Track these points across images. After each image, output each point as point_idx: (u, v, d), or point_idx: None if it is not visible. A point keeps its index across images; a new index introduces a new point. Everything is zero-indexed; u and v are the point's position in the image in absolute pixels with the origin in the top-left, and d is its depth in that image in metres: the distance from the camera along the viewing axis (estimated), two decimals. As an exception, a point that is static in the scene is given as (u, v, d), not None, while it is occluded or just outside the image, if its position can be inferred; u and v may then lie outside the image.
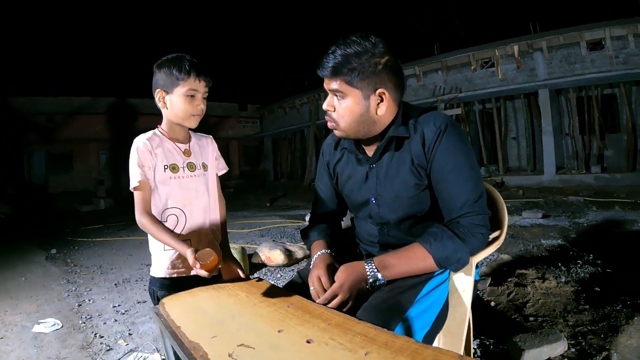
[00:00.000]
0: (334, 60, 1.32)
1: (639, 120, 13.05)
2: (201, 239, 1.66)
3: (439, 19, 25.04)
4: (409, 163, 1.38)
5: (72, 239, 7.67)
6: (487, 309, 3.04)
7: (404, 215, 1.43)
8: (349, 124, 1.38)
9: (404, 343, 0.92)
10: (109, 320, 3.29)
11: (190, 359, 0.95)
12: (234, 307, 1.23)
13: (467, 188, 1.30)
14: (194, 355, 0.94)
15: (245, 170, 26.02)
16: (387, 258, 1.31)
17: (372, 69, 1.31)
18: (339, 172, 1.60)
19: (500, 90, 14.39)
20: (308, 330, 1.02)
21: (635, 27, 11.73)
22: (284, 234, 6.95)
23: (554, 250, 4.61)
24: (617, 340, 2.40)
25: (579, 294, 3.17)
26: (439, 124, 1.34)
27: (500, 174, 14.29)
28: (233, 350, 0.94)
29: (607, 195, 9.24)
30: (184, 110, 1.60)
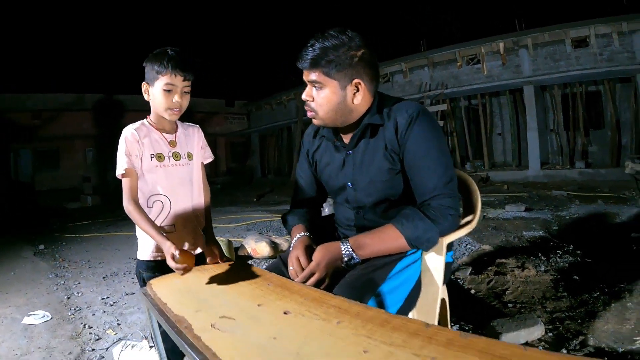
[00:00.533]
0: (313, 53, 1.40)
1: (623, 117, 13.28)
2: (185, 224, 1.73)
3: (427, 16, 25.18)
4: (383, 149, 1.46)
5: (60, 235, 7.67)
6: (467, 297, 3.13)
7: (379, 199, 1.51)
8: (327, 113, 1.46)
9: (375, 313, 0.99)
10: (97, 311, 3.34)
11: (175, 331, 1.01)
12: (217, 286, 1.30)
13: (437, 172, 1.38)
14: (178, 327, 1.01)
15: (232, 166, 25.93)
16: (361, 238, 1.39)
17: (348, 61, 1.39)
18: (317, 160, 1.68)
19: (486, 86, 14.57)
20: (286, 304, 1.09)
21: (619, 25, 11.92)
22: (270, 227, 7.02)
23: (535, 241, 4.71)
24: (594, 325, 2.47)
25: (557, 282, 3.26)
26: (411, 112, 1.43)
27: (486, 169, 14.50)
28: (215, 321, 1.01)
29: (590, 190, 9.42)
30: (161, 103, 1.65)
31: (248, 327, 0.97)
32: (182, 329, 0.99)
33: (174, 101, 1.64)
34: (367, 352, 0.82)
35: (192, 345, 0.92)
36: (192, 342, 0.93)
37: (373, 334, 0.88)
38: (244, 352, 0.86)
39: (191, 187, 1.77)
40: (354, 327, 0.93)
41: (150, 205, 1.69)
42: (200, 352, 0.88)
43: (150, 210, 1.69)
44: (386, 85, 16.94)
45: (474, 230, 5.16)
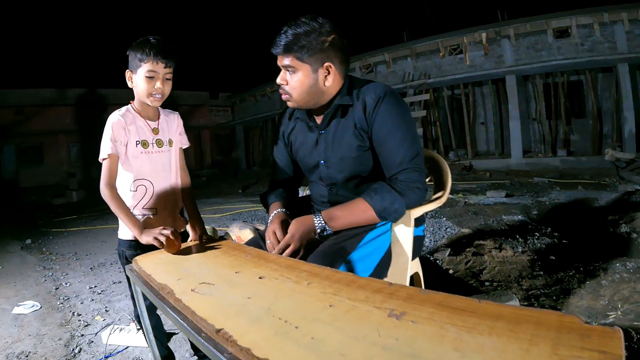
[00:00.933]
0: (286, 39, 1.48)
1: (604, 106, 13.54)
2: (166, 207, 1.83)
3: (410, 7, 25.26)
4: (353, 127, 1.55)
5: (47, 230, 7.66)
6: (445, 276, 3.24)
7: (350, 175, 1.60)
8: (300, 95, 1.54)
9: (343, 276, 1.08)
10: (86, 300, 3.39)
11: (158, 297, 1.09)
12: (198, 258, 1.39)
13: (403, 148, 1.47)
14: (161, 294, 1.09)
15: (217, 159, 25.86)
16: (333, 211, 1.49)
17: (319, 46, 1.48)
18: (292, 140, 1.77)
19: (469, 76, 14.73)
20: (262, 271, 1.18)
21: (600, 16, 12.10)
22: (255, 217, 7.11)
23: (514, 224, 4.83)
24: (568, 301, 2.57)
25: (534, 262, 3.36)
26: (379, 92, 1.52)
27: (469, 158, 14.69)
28: (196, 286, 1.09)
29: (572, 177, 9.61)
30: (144, 90, 1.71)
31: (225, 290, 1.06)
32: (165, 294, 1.07)
33: (155, 87, 1.70)
34: (332, 306, 0.90)
35: (174, 307, 1.00)
36: (174, 304, 1.01)
37: (339, 292, 0.97)
38: (220, 309, 0.94)
39: (171, 172, 1.86)
40: (322, 287, 1.01)
41: (134, 189, 1.76)
42: (180, 312, 0.97)
43: (134, 194, 1.77)
44: (370, 76, 16.99)
45: (455, 214, 5.34)
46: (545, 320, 0.76)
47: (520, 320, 0.77)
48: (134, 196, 1.77)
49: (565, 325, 0.73)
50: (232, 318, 0.89)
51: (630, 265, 3.01)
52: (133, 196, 1.77)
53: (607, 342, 0.66)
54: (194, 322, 0.91)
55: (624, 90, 12.07)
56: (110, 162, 1.69)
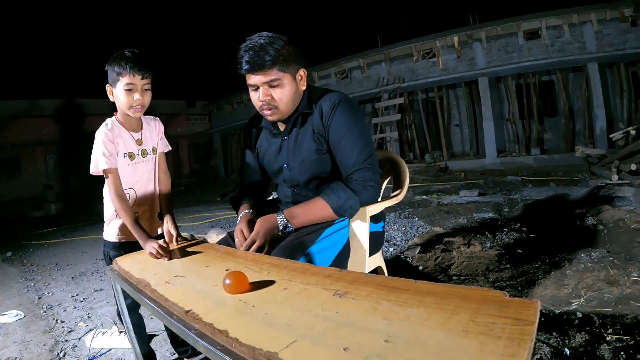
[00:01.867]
0: (269, 56, 1.58)
1: (576, 105, 13.94)
2: (145, 210, 1.96)
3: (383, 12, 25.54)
4: (311, 133, 1.72)
5: (27, 242, 7.65)
6: (415, 273, 3.38)
7: (311, 177, 1.76)
8: (286, 105, 1.68)
9: (299, 266, 1.23)
10: (68, 307, 3.47)
11: (136, 290, 1.23)
12: (173, 256, 1.52)
13: (356, 150, 1.63)
14: (138, 286, 1.22)
15: (195, 167, 25.58)
16: (294, 209, 1.64)
17: (290, 54, 1.63)
18: (258, 147, 1.93)
19: (442, 79, 14.99)
20: (229, 264, 1.32)
21: (570, 17, 12.45)
22: (233, 223, 7.18)
23: (484, 221, 4.97)
24: (533, 291, 2.70)
25: (501, 256, 3.50)
26: (334, 100, 1.69)
27: (445, 160, 14.91)
28: (169, 279, 1.23)
29: (545, 175, 9.82)
30: (124, 103, 1.81)
31: (195, 281, 1.20)
32: (142, 287, 1.21)
33: (135, 99, 1.79)
34: (286, 289, 1.05)
35: (150, 297, 1.14)
36: (150, 295, 1.14)
37: (294, 278, 1.12)
38: (190, 296, 1.09)
39: (155, 178, 2.00)
40: (280, 275, 1.16)
41: None
42: (155, 301, 1.10)
43: None
44: (345, 81, 17.24)
45: (427, 214, 5.51)
46: (470, 294, 0.89)
47: (447, 295, 0.90)
48: None
49: (487, 298, 0.86)
50: (199, 301, 1.03)
51: (595, 255, 3.15)
52: None
53: (523, 311, 0.77)
54: (166, 307, 1.05)
55: (594, 88, 12.40)
56: (112, 175, 1.80)
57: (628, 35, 11.81)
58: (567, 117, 13.85)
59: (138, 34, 29.75)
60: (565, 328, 2.13)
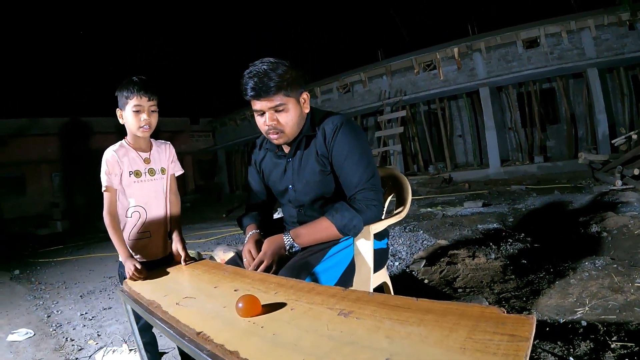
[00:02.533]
0: (273, 82, 1.63)
1: (577, 111, 13.99)
2: (158, 231, 2.02)
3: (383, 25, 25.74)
4: (315, 155, 1.77)
5: (34, 260, 7.71)
6: (420, 286, 3.39)
7: (315, 197, 1.81)
8: (291, 128, 1.73)
9: (305, 285, 1.27)
10: (77, 326, 3.51)
11: (148, 311, 1.27)
12: (182, 278, 1.57)
13: (359, 170, 1.69)
14: (150, 308, 1.26)
15: (200, 184, 25.69)
16: (300, 229, 1.69)
17: (293, 79, 1.69)
18: (264, 168, 1.99)
19: (443, 90, 15.04)
20: (237, 284, 1.36)
21: (568, 24, 12.49)
22: (239, 240, 7.23)
23: (488, 232, 4.98)
24: (537, 301, 2.70)
25: (506, 267, 3.50)
26: (336, 122, 1.74)
27: (448, 171, 14.92)
28: (180, 300, 1.27)
29: (549, 183, 9.78)
30: (133, 124, 1.93)
31: (205, 302, 1.24)
32: (153, 308, 1.25)
33: (142, 119, 1.92)
34: (293, 309, 1.09)
35: (161, 318, 1.18)
36: (161, 316, 1.19)
37: (300, 298, 1.16)
38: (200, 317, 1.13)
39: (164, 198, 2.06)
40: (287, 294, 1.20)
41: (129, 216, 1.97)
42: (167, 322, 1.15)
43: (129, 220, 1.97)
44: (347, 96, 17.34)
45: (432, 227, 5.52)
46: (468, 311, 0.93)
47: (446, 313, 0.94)
48: (129, 222, 1.97)
49: (485, 315, 0.90)
50: (210, 322, 1.08)
51: (599, 262, 3.13)
52: (128, 222, 1.97)
53: (519, 327, 0.80)
54: (178, 328, 1.09)
55: (595, 94, 12.41)
56: (108, 194, 1.91)
57: (626, 40, 11.84)
58: (569, 123, 13.88)
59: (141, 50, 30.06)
60: (570, 337, 2.14)
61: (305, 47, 26.21)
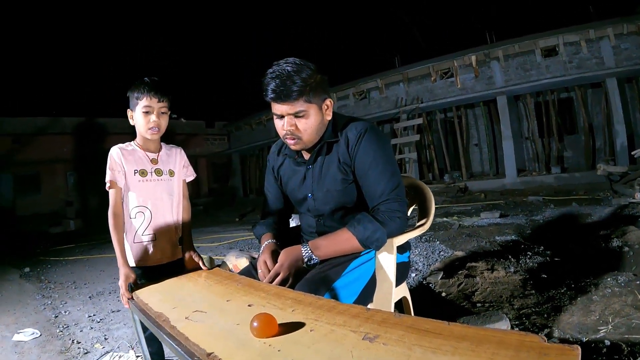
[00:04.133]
0: (296, 86, 1.53)
1: (595, 121, 13.76)
2: (165, 235, 1.94)
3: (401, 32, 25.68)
4: (337, 162, 1.67)
5: (45, 259, 7.71)
6: (438, 299, 3.28)
7: (336, 207, 1.71)
8: (310, 136, 1.64)
9: (325, 302, 1.17)
10: (85, 328, 3.44)
11: (155, 325, 1.18)
12: (192, 288, 1.48)
13: (383, 180, 1.58)
14: (157, 321, 1.17)
15: (214, 187, 25.78)
16: (319, 241, 1.59)
17: (317, 84, 1.59)
18: (282, 174, 1.88)
19: (460, 99, 14.92)
20: (251, 298, 1.27)
21: (587, 33, 12.33)
22: (252, 245, 7.13)
23: (507, 244, 4.85)
24: (559, 318, 2.58)
25: (526, 281, 3.38)
26: (360, 129, 1.64)
27: (464, 180, 14.77)
28: (189, 314, 1.18)
29: (566, 194, 9.63)
30: (142, 125, 1.89)
31: (217, 317, 1.15)
32: (161, 322, 1.16)
33: (152, 120, 1.87)
34: (312, 330, 0.99)
35: (169, 334, 1.09)
36: (169, 331, 1.10)
37: (320, 317, 1.06)
38: (211, 335, 1.04)
39: (171, 201, 1.98)
40: (305, 313, 1.10)
41: (133, 217, 1.90)
42: (175, 338, 1.05)
43: (133, 221, 1.90)
44: (363, 102, 17.26)
45: (448, 238, 5.40)
46: (507, 339, 0.83)
47: (482, 341, 0.84)
48: (133, 223, 1.90)
49: (525, 344, 0.80)
50: (221, 342, 0.98)
51: (622, 279, 3.03)
52: (133, 223, 1.90)
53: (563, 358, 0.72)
54: (187, 347, 1.00)
55: (614, 104, 12.23)
56: (113, 191, 1.86)
57: (646, 49, 11.63)
58: (587, 134, 13.68)
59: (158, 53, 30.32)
60: (594, 357, 2.05)
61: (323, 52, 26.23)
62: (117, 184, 1.86)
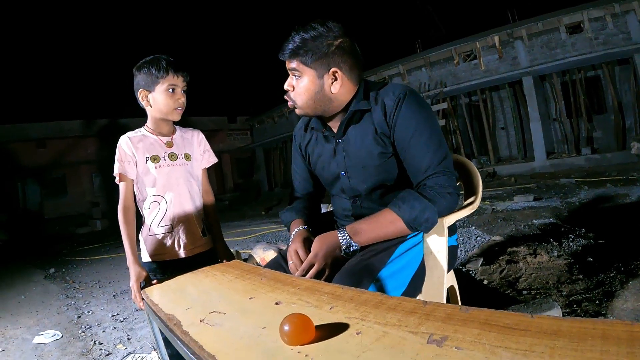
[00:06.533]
0: (293, 44, 1.41)
1: (625, 99, 13.21)
2: (182, 224, 1.75)
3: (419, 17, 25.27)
4: (373, 133, 1.43)
5: (70, 259, 7.73)
6: (480, 288, 3.06)
7: (374, 185, 1.47)
8: (305, 102, 1.46)
9: (370, 296, 0.95)
10: (107, 328, 3.33)
11: (168, 328, 0.98)
12: (210, 285, 1.27)
13: (429, 151, 1.34)
14: (168, 325, 0.98)
15: (238, 182, 25.98)
16: (358, 224, 1.35)
17: (325, 50, 1.39)
18: (310, 153, 1.66)
19: (485, 81, 14.51)
20: (278, 295, 1.06)
21: (612, 7, 11.84)
22: (279, 237, 6.98)
23: (546, 228, 4.61)
24: (612, 305, 2.40)
25: (571, 265, 3.17)
26: (397, 93, 1.40)
27: (492, 164, 14.43)
28: (205, 316, 0.97)
29: (598, 175, 9.32)
30: (167, 105, 1.71)
31: (237, 320, 0.94)
32: (172, 326, 0.96)
33: (179, 100, 1.72)
34: (359, 333, 0.78)
35: (182, 340, 0.89)
36: (181, 337, 0.89)
37: (367, 316, 0.84)
38: (231, 343, 0.82)
39: (190, 187, 1.79)
40: (346, 310, 0.89)
41: (148, 207, 1.74)
42: (188, 346, 0.85)
43: (147, 212, 1.74)
44: (385, 90, 16.91)
45: (483, 222, 5.17)
46: (611, 332, 0.64)
47: (583, 336, 0.64)
48: (149, 214, 1.74)
49: (636, 336, 0.61)
50: (243, 353, 0.76)
51: None
52: (147, 215, 1.75)
53: None
54: (202, 357, 0.79)
55: (643, 80, 11.73)
56: (124, 184, 1.72)
57: (675, 21, 11.11)
58: (617, 113, 13.15)
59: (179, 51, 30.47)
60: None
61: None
62: (128, 176, 1.70)
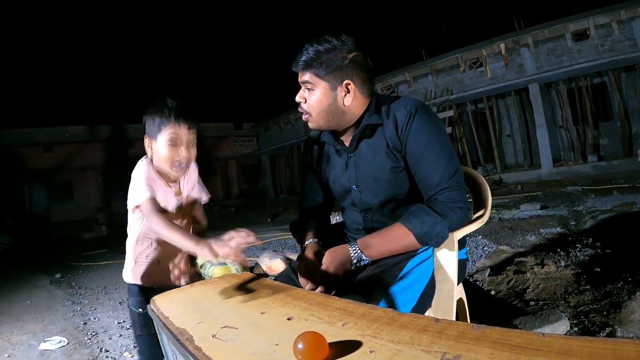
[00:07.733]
0: (307, 55, 1.43)
1: (631, 106, 13.20)
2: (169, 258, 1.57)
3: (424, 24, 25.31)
4: (385, 147, 1.45)
5: (76, 264, 7.74)
6: (487, 298, 3.06)
7: (385, 199, 1.49)
8: (318, 114, 1.47)
9: (382, 313, 0.95)
10: (114, 335, 3.33)
11: (178, 342, 0.98)
12: (220, 297, 1.27)
13: (440, 165, 1.36)
14: (180, 340, 0.98)
15: (244, 188, 26.06)
16: (369, 238, 1.37)
17: (338, 62, 1.41)
18: (320, 165, 1.67)
19: (491, 88, 14.55)
20: (290, 310, 1.05)
21: (618, 14, 11.90)
22: (285, 245, 6.97)
23: (553, 237, 4.60)
24: (620, 315, 2.39)
25: (579, 275, 3.17)
26: (409, 107, 1.41)
27: (498, 172, 14.44)
28: (217, 331, 0.97)
29: (605, 183, 9.29)
30: (166, 158, 1.55)
31: (250, 335, 0.94)
32: (184, 340, 0.96)
33: (181, 155, 1.55)
34: (373, 351, 0.78)
35: (194, 355, 0.89)
36: (193, 352, 0.89)
37: (379, 334, 0.84)
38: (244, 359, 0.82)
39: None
40: (359, 327, 0.89)
41: (140, 241, 1.65)
42: (200, 363, 0.85)
43: (140, 246, 1.65)
44: (392, 97, 16.95)
45: (490, 232, 5.15)
46: (623, 352, 0.63)
47: (595, 356, 0.65)
48: (139, 245, 1.65)
49: None
50: (257, 371, 0.77)
51: None
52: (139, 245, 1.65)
53: None
54: (215, 376, 0.79)
55: (649, 87, 11.70)
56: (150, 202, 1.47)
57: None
58: (623, 119, 13.14)
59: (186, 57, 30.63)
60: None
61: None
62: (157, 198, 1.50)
